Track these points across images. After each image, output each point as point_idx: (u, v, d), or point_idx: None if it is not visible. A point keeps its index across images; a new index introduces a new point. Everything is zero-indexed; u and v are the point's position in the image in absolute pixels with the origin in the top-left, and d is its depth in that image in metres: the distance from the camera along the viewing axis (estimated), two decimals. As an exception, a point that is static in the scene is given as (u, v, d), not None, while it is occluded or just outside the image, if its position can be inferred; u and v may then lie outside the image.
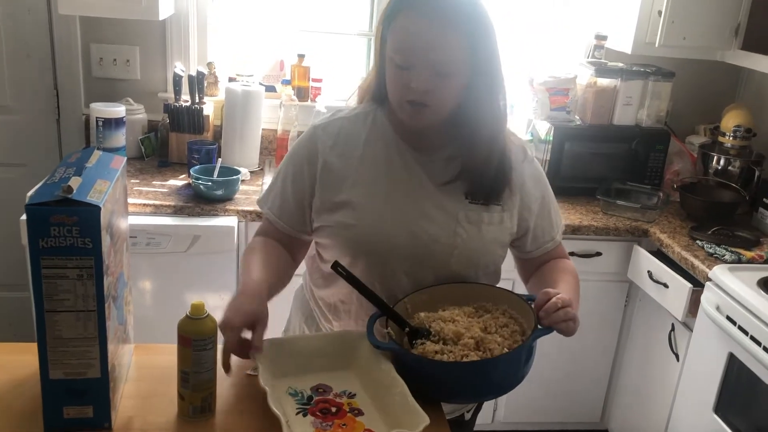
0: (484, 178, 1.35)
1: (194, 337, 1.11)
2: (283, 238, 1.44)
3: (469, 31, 1.23)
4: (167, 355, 1.27)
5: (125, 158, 1.20)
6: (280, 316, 1.69)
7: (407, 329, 1.28)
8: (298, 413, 1.15)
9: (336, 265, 1.27)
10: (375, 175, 1.36)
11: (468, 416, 1.55)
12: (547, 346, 1.75)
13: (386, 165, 1.37)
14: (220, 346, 1.18)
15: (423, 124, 1.31)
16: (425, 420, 1.06)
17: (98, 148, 1.36)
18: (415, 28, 1.21)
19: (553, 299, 1.22)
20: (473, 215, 1.36)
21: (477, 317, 1.31)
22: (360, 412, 1.16)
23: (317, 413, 1.16)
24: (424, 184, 1.37)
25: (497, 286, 1.42)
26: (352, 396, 1.21)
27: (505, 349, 1.21)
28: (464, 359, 1.20)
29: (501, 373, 1.21)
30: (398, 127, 1.38)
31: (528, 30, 3.06)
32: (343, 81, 2.98)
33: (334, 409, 1.17)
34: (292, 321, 1.63)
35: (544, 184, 1.46)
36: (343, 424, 1.13)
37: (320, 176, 1.37)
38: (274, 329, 1.70)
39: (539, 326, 1.23)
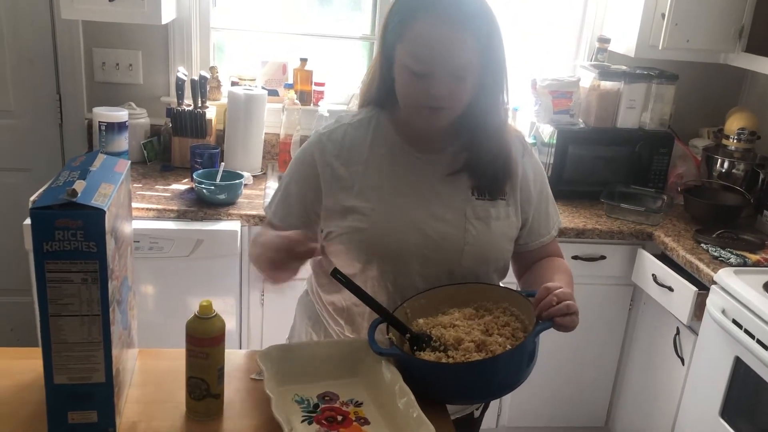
0: (489, 172, 1.37)
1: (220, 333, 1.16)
2: None
3: (481, 33, 1.25)
4: (171, 360, 1.27)
5: (129, 162, 1.19)
6: (285, 322, 1.68)
7: (408, 335, 1.27)
8: (303, 421, 1.14)
9: (335, 272, 1.27)
10: (381, 178, 1.37)
11: (477, 414, 1.55)
12: (551, 349, 1.75)
13: (391, 167, 1.38)
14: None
15: (441, 126, 1.33)
16: (431, 431, 1.06)
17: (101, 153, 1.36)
18: (433, 36, 1.22)
19: (550, 296, 1.22)
20: (481, 211, 1.37)
21: (478, 318, 1.31)
22: (366, 421, 1.15)
23: (323, 421, 1.14)
24: (430, 183, 1.38)
25: (496, 284, 1.42)
26: (358, 404, 1.20)
27: (508, 346, 1.21)
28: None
29: (504, 371, 1.21)
30: (402, 129, 1.39)
31: (531, 33, 3.05)
32: (345, 85, 2.98)
33: (340, 418, 1.16)
34: (296, 327, 1.62)
35: (542, 177, 1.48)
36: (348, 433, 1.12)
37: (326, 183, 1.38)
38: (278, 336, 1.70)
39: (539, 321, 1.22)
